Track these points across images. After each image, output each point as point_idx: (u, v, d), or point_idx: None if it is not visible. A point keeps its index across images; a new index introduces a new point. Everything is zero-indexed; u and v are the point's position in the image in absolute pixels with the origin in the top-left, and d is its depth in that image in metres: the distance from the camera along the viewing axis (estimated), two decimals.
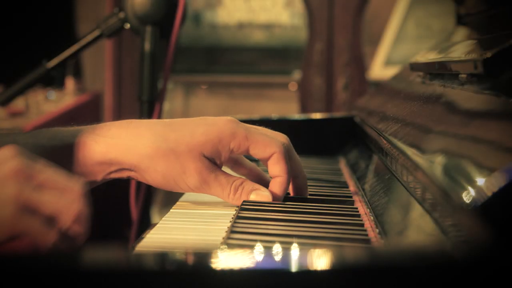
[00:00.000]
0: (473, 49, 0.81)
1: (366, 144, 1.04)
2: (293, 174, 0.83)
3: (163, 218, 0.73)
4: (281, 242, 0.62)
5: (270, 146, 0.81)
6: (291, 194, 0.84)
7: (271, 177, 0.82)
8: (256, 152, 0.81)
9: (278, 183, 0.80)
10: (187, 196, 0.86)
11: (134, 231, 1.25)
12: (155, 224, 0.71)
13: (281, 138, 0.84)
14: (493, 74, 0.67)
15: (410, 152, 0.68)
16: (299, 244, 0.62)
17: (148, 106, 1.25)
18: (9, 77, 1.36)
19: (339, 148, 1.24)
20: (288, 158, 0.82)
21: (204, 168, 0.79)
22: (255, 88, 3.33)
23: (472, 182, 0.48)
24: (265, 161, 0.82)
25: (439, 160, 0.59)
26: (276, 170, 0.81)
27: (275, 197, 0.80)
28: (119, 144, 0.78)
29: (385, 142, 0.82)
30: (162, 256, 0.42)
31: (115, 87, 2.53)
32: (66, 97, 2.54)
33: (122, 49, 2.51)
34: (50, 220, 0.59)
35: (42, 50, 1.39)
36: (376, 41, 2.72)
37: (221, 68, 3.41)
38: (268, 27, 3.39)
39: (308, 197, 0.84)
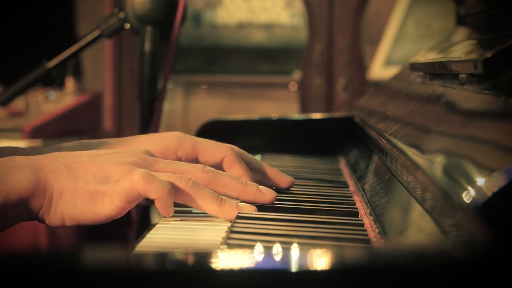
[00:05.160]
0: (473, 49, 0.81)
1: (366, 144, 1.04)
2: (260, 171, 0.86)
3: (163, 218, 0.73)
4: (281, 242, 0.62)
5: (219, 151, 0.84)
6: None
7: None
8: (205, 159, 0.84)
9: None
10: None
11: (134, 231, 1.25)
12: (155, 224, 0.71)
13: (229, 145, 0.87)
14: (493, 74, 0.67)
15: (410, 152, 0.68)
16: (299, 244, 0.62)
17: (148, 106, 1.25)
18: (9, 77, 1.36)
19: (339, 148, 1.23)
20: (240, 158, 0.84)
21: None
22: (255, 88, 3.33)
23: (472, 182, 0.48)
24: (218, 167, 0.83)
25: (439, 160, 0.59)
26: (233, 173, 0.83)
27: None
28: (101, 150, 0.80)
29: (385, 142, 0.82)
30: (162, 256, 0.42)
31: (115, 87, 2.53)
32: (66, 97, 2.54)
33: (122, 49, 2.51)
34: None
35: (42, 50, 1.39)
36: (376, 41, 2.72)
37: (221, 68, 3.41)
38: (268, 27, 3.39)
39: (308, 197, 0.84)
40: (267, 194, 0.77)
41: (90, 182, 0.69)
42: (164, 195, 0.69)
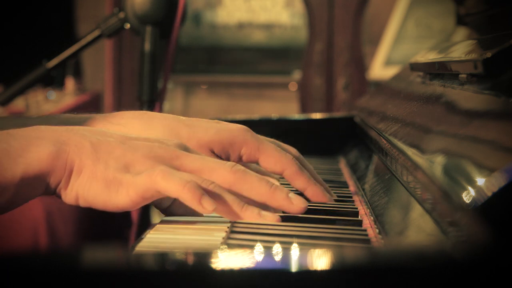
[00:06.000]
0: (473, 49, 0.81)
1: (366, 144, 1.04)
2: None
3: (163, 218, 0.73)
4: (281, 242, 0.62)
5: (281, 162, 0.79)
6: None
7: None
8: (266, 166, 0.80)
9: (310, 194, 0.79)
10: None
11: (134, 231, 1.25)
12: (155, 224, 0.71)
13: (293, 152, 0.83)
14: (493, 74, 0.67)
15: (410, 152, 0.68)
16: (299, 244, 0.62)
17: (148, 106, 1.25)
18: (9, 77, 1.36)
19: (339, 148, 1.23)
20: (302, 169, 0.79)
21: None
22: (255, 88, 3.33)
23: (472, 182, 0.48)
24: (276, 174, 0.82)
25: (439, 160, 0.59)
26: (298, 184, 0.79)
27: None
28: (131, 134, 0.75)
29: (385, 142, 0.82)
30: (162, 256, 0.42)
31: (115, 87, 2.53)
32: (66, 97, 2.54)
33: (122, 49, 2.51)
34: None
35: (42, 50, 1.40)
36: (376, 41, 2.73)
37: (221, 68, 3.41)
38: (268, 27, 3.39)
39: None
40: (295, 203, 0.71)
41: (110, 167, 0.67)
42: (182, 193, 0.65)
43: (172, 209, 0.74)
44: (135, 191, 0.66)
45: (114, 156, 0.68)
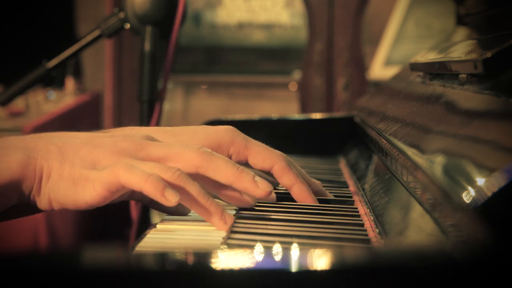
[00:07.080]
0: (473, 49, 0.81)
1: (366, 144, 1.04)
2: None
3: (163, 218, 0.73)
4: (281, 242, 0.62)
5: (270, 157, 0.79)
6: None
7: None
8: (255, 162, 0.79)
9: (297, 192, 0.78)
10: None
11: (134, 231, 1.25)
12: (155, 224, 0.71)
13: (280, 152, 0.82)
14: (493, 74, 0.67)
15: (410, 152, 0.68)
16: (299, 244, 0.62)
17: (148, 106, 1.25)
18: (9, 77, 1.36)
19: (339, 148, 1.23)
20: (291, 166, 0.79)
21: None
22: (255, 88, 3.33)
23: (472, 182, 0.48)
24: (267, 174, 0.81)
25: (439, 160, 0.59)
26: (286, 180, 0.78)
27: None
28: (97, 134, 0.75)
29: (385, 142, 0.82)
30: (162, 256, 0.42)
31: (115, 87, 2.53)
32: (66, 97, 2.54)
33: (122, 49, 2.51)
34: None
35: (42, 50, 1.40)
36: (376, 41, 2.72)
37: (221, 68, 3.41)
38: (268, 27, 3.39)
39: None
40: (261, 187, 0.71)
41: (76, 166, 0.67)
42: (144, 186, 0.65)
43: (156, 202, 0.74)
44: (101, 186, 0.66)
45: (79, 155, 0.68)
